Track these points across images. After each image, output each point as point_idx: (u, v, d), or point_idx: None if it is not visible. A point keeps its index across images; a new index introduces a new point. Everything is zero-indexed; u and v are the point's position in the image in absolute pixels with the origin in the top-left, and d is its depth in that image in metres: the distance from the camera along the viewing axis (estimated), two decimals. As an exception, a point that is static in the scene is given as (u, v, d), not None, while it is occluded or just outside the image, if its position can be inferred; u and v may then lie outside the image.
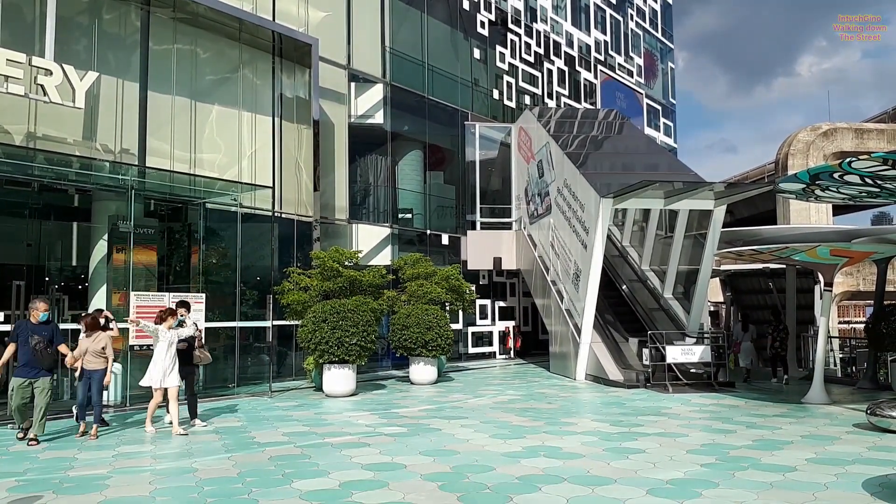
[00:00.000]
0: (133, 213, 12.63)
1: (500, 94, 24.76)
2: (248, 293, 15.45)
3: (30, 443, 8.28)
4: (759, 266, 18.04)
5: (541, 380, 15.85)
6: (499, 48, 24.69)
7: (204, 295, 12.99)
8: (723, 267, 19.36)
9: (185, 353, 9.75)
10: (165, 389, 9.14)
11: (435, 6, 22.35)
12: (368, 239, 18.88)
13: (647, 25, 34.48)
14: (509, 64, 25.13)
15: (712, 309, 21.96)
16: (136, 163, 13.56)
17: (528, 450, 7.80)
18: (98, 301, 13.54)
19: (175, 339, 9.27)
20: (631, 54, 32.76)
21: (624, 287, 17.48)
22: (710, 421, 9.89)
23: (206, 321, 12.70)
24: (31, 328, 8.48)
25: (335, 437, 8.69)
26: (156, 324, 9.30)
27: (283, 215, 16.45)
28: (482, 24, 24.02)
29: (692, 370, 13.93)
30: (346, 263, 14.99)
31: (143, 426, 9.33)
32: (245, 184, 14.86)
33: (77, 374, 9.21)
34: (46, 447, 8.22)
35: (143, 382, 9.24)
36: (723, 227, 14.75)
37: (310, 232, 17.01)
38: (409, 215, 21.28)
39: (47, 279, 15.12)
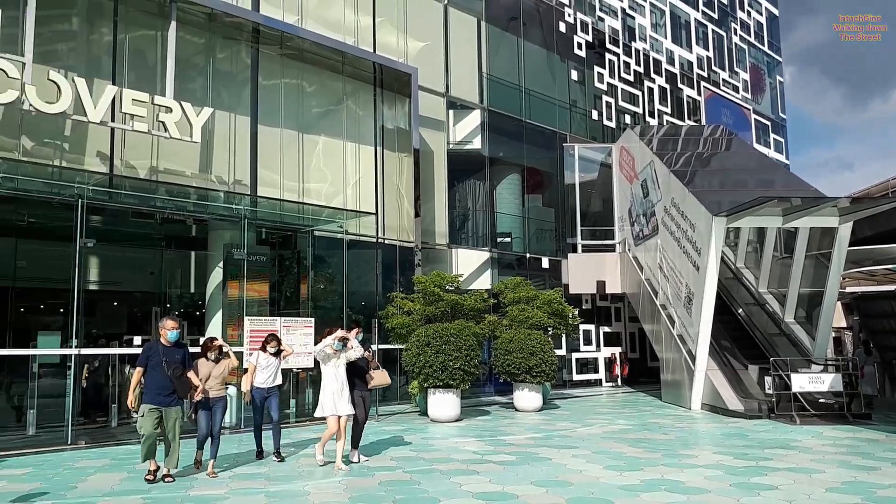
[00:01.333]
0: (246, 241, 13.12)
1: (599, 114, 24.31)
2: (355, 317, 15.68)
3: (165, 479, 7.53)
4: (892, 288, 16.59)
5: (652, 409, 15.12)
6: (597, 68, 24.30)
7: (313, 320, 13.27)
8: (848, 290, 17.96)
9: (356, 377, 8.81)
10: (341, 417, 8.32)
11: (531, 31, 22.32)
12: (468, 263, 18.83)
13: (752, 39, 33.05)
14: (608, 84, 24.68)
15: (834, 335, 20.39)
16: (249, 193, 14.14)
17: (647, 483, 7.34)
18: (215, 326, 14.12)
19: (344, 362, 8.42)
20: (736, 69, 31.45)
21: (740, 311, 16.50)
22: (847, 456, 9.03)
23: (314, 345, 12.94)
24: (164, 351, 7.62)
25: (443, 464, 8.54)
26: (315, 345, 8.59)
27: (386, 241, 16.67)
28: (579, 45, 23.75)
29: (821, 400, 12.86)
30: (448, 288, 14.96)
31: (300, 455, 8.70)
32: (350, 211, 15.19)
33: (195, 401, 8.15)
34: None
35: (317, 413, 8.41)
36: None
37: (411, 257, 17.16)
38: (507, 239, 21.10)
39: (168, 305, 15.97)
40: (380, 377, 9.17)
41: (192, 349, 8.41)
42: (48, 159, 11.62)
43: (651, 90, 26.47)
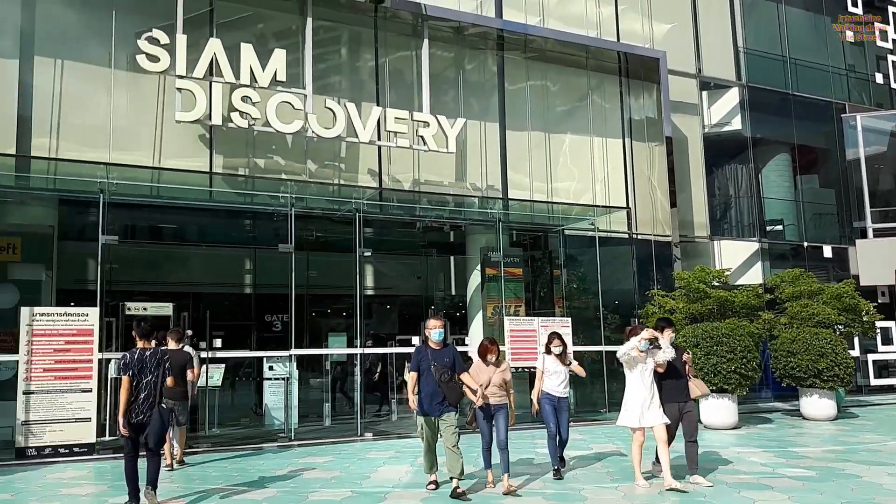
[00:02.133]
0: (501, 243, 13.41)
1: (885, 76, 20.91)
2: (610, 317, 15.26)
3: (461, 497, 6.78)
4: None
5: (983, 421, 12.53)
6: (878, 25, 20.93)
7: (569, 319, 13.15)
8: None
9: (670, 384, 7.50)
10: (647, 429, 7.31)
11: (792, -7, 19.96)
12: (733, 255, 17.32)
13: None
14: (893, 41, 21.13)
15: None
16: (501, 197, 14.47)
17: None
18: (476, 327, 14.68)
19: (651, 366, 7.30)
20: None
21: None
22: None
23: (572, 345, 12.82)
24: (432, 354, 7.03)
25: (729, 476, 7.83)
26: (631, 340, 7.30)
27: (640, 236, 15.97)
28: (853, 1, 20.66)
29: None
30: (714, 283, 13.87)
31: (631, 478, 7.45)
32: (601, 207, 14.84)
33: (476, 408, 7.39)
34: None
35: (620, 422, 7.48)
36: None
37: (668, 252, 16.24)
38: (779, 227, 19.03)
39: (433, 307, 16.98)
40: (700, 386, 8.03)
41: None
42: (329, 179, 12.96)
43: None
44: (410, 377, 7.27)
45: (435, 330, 7.18)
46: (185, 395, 8.54)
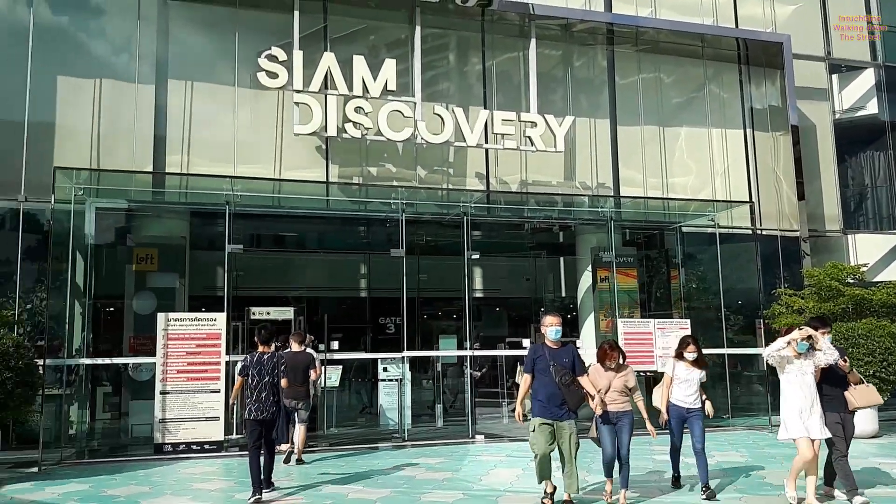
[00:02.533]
0: (613, 243, 13.08)
1: None
2: (733, 318, 14.50)
3: None
4: None
5: None
6: (877, 26, 18.60)
7: (688, 321, 12.62)
8: None
9: (829, 392, 6.74)
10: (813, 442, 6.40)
11: (938, -41, 18.10)
12: (870, 250, 15.93)
13: None
14: None
15: None
16: (612, 195, 14.10)
17: None
18: (588, 329, 14.40)
19: (811, 369, 6.51)
20: None
21: None
22: None
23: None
24: (550, 354, 6.48)
25: (867, 488, 7.22)
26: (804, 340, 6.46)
27: (764, 231, 15.06)
28: None
29: None
30: (848, 280, 12.85)
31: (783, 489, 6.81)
32: (720, 202, 14.13)
33: (596, 416, 6.79)
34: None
35: (780, 436, 6.63)
36: None
37: (796, 247, 15.21)
38: (923, 218, 17.34)
39: (542, 309, 16.81)
40: (867, 394, 6.93)
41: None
42: (438, 184, 13.15)
43: None
44: (523, 380, 6.67)
45: (552, 327, 6.56)
46: (307, 394, 9.09)
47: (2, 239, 11.28)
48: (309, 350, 9.82)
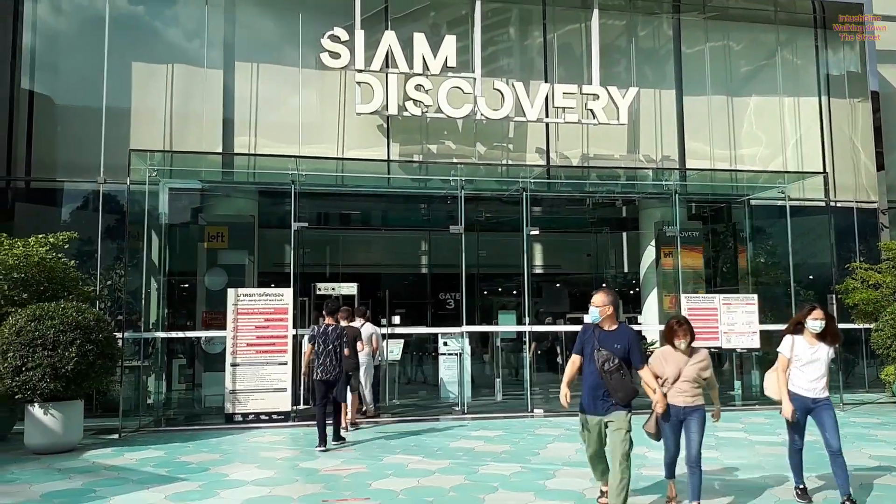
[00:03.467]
0: (678, 217, 12.79)
1: None
2: (803, 293, 14.01)
3: None
4: None
5: None
6: (876, 24, 16.88)
7: (755, 296, 12.28)
8: None
9: None
10: None
11: None
12: (958, 223, 15.07)
13: None
14: None
15: None
16: (678, 167, 13.76)
17: None
18: (650, 305, 14.19)
19: None
20: None
21: None
22: None
23: (759, 323, 11.98)
24: (600, 336, 5.35)
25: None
26: None
27: (839, 203, 14.42)
28: None
29: None
30: (933, 255, 12.22)
31: None
32: (792, 173, 13.59)
33: (657, 412, 5.56)
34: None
35: None
36: None
37: (873, 220, 14.54)
38: None
39: (603, 286, 16.65)
40: None
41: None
42: (497, 160, 13.14)
43: None
44: (570, 362, 5.60)
45: (592, 308, 5.41)
46: (356, 365, 9.78)
47: (84, 219, 11.95)
48: (366, 325, 10.58)
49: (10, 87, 11.86)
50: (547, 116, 12.84)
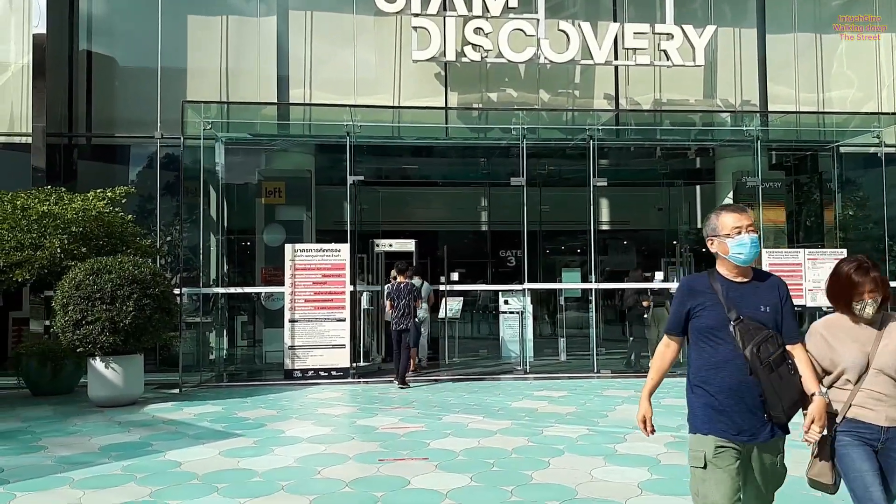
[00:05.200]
0: (759, 166, 11.84)
1: None
2: (897, 248, 12.89)
3: None
4: None
5: None
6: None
7: (844, 251, 11.31)
8: None
9: None
10: None
11: None
12: None
13: None
14: None
15: None
16: (759, 110, 12.71)
17: None
18: (726, 261, 13.30)
19: None
20: None
21: None
22: None
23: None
24: (733, 293, 2.93)
25: None
26: None
27: (943, 150, 13.12)
28: None
29: None
30: None
31: None
32: (889, 114, 12.36)
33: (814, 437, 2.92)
34: None
35: None
36: None
37: (983, 167, 13.16)
38: None
39: (675, 242, 15.80)
40: None
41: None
42: (562, 107, 12.40)
43: None
44: (659, 353, 3.16)
45: (738, 238, 2.93)
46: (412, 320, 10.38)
47: (143, 175, 11.94)
48: (419, 281, 11.02)
49: (69, 48, 11.82)
50: (616, 59, 12.00)
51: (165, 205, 11.79)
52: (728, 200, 13.39)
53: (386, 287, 10.36)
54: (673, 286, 10.43)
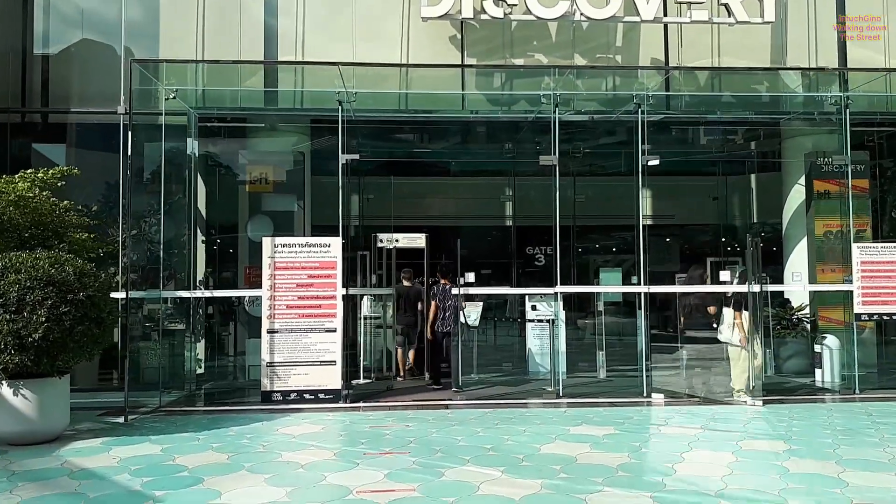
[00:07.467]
0: (848, 141, 9.64)
1: None
2: None
3: None
4: None
5: None
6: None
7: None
8: None
9: None
10: None
11: None
12: None
13: None
14: None
15: None
16: (837, 81, 10.53)
17: None
18: (798, 259, 11.20)
19: None
20: None
21: None
22: None
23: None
24: None
25: None
26: None
27: None
28: None
29: None
30: None
31: None
32: None
33: None
34: None
35: None
36: None
37: None
38: None
39: (724, 238, 13.65)
40: None
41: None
42: (601, 74, 10.39)
43: None
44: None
45: None
46: (415, 322, 10.19)
47: (104, 158, 10.15)
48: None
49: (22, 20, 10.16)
50: (666, 15, 9.94)
51: (137, 195, 10.00)
52: (799, 187, 11.25)
53: (433, 288, 10.06)
54: (755, 288, 8.31)
